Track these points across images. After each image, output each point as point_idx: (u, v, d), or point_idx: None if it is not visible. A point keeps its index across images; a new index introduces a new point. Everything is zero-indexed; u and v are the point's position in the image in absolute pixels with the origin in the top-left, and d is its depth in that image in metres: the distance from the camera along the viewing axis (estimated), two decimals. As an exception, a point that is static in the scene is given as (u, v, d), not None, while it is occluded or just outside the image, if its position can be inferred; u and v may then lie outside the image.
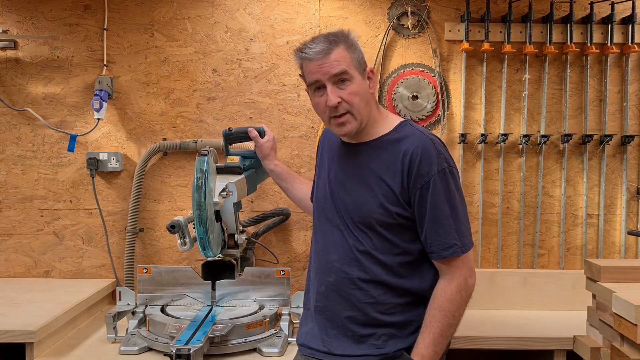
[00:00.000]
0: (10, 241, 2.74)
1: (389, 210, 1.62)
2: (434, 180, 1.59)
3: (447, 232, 1.60)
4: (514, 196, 2.74)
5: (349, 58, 1.62)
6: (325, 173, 1.79)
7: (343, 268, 1.67)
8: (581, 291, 2.17)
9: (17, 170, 2.73)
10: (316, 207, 1.81)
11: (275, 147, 2.19)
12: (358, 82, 1.63)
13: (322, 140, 1.91)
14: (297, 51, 1.65)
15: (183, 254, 2.71)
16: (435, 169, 1.59)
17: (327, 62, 1.59)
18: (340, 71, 1.60)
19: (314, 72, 1.61)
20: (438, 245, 1.61)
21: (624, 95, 2.70)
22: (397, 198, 1.62)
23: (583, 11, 2.69)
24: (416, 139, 1.64)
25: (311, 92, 1.67)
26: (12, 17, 2.69)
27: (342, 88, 1.61)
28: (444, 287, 1.62)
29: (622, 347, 1.82)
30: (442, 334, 1.60)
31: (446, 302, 1.60)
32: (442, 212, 1.60)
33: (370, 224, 1.64)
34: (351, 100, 1.61)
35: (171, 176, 2.73)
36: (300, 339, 1.79)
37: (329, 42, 1.60)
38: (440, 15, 2.70)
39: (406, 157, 1.61)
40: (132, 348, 2.01)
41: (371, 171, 1.66)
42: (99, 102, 2.59)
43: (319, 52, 1.60)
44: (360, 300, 1.65)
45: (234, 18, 2.70)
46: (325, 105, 1.62)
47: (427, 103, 2.69)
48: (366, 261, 1.65)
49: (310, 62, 1.61)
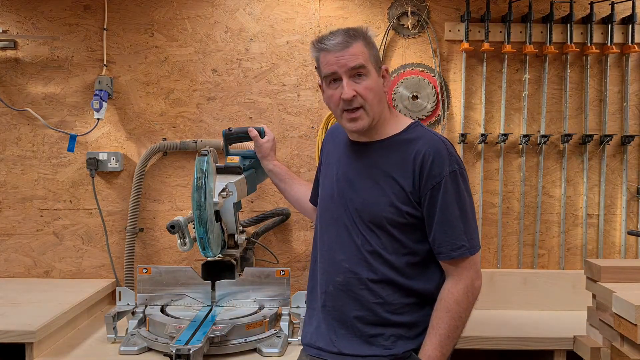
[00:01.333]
0: (10, 241, 2.74)
1: (400, 209, 1.62)
2: (445, 181, 1.60)
3: (456, 233, 1.61)
4: (514, 196, 2.74)
5: (367, 53, 1.62)
6: (332, 173, 1.78)
7: (351, 268, 1.67)
8: (581, 291, 2.17)
9: (17, 170, 2.73)
10: (321, 208, 1.80)
11: (275, 148, 2.19)
12: (374, 79, 1.63)
13: (326, 141, 1.91)
14: (315, 42, 1.65)
15: (183, 254, 2.71)
16: (447, 170, 1.61)
17: (345, 54, 1.60)
18: (357, 65, 1.60)
19: (332, 64, 1.61)
20: (447, 245, 1.61)
21: (624, 95, 2.70)
22: (408, 197, 1.62)
23: (583, 11, 2.69)
24: (428, 140, 1.65)
25: (325, 85, 1.67)
26: (12, 17, 2.69)
27: (358, 82, 1.61)
28: (450, 288, 1.63)
29: (622, 347, 1.82)
30: (449, 336, 1.60)
31: (453, 303, 1.61)
32: (452, 213, 1.61)
33: (380, 223, 1.64)
34: (366, 95, 1.61)
35: (171, 176, 2.73)
36: (305, 338, 1.79)
37: (349, 36, 1.62)
38: (440, 15, 2.70)
39: (418, 158, 1.62)
40: (132, 348, 2.01)
41: (382, 170, 1.66)
42: (99, 102, 2.59)
43: (338, 44, 1.60)
44: (369, 300, 1.65)
45: (234, 18, 2.70)
46: (339, 98, 1.62)
47: (427, 103, 2.69)
48: (374, 261, 1.65)
49: (328, 53, 1.62)
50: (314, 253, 1.83)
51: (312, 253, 1.84)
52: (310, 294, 1.82)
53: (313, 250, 1.84)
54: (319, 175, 1.92)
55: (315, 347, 1.73)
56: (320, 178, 1.88)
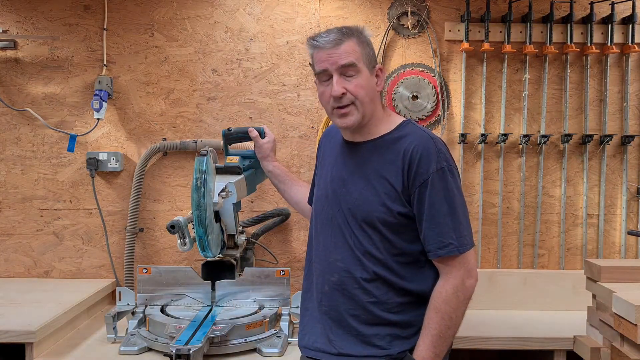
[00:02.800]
0: (10, 241, 2.74)
1: (391, 209, 1.62)
2: (432, 178, 1.59)
3: (444, 230, 1.59)
4: (514, 196, 2.74)
5: (359, 52, 1.63)
6: (326, 172, 1.78)
7: (346, 267, 1.67)
8: (581, 291, 2.16)
9: (17, 170, 2.73)
10: (316, 208, 1.80)
11: (275, 148, 2.19)
12: (365, 77, 1.64)
13: (322, 142, 1.91)
14: (309, 39, 1.67)
15: (183, 254, 2.71)
16: (435, 167, 1.59)
17: (336, 52, 1.61)
18: (348, 63, 1.61)
19: (323, 61, 1.63)
20: (434, 243, 1.60)
21: (624, 95, 2.70)
22: (398, 196, 1.62)
23: (583, 11, 2.69)
24: (417, 137, 1.64)
25: (318, 82, 1.68)
26: (12, 17, 2.69)
27: (349, 80, 1.62)
28: (439, 287, 1.62)
29: (622, 347, 1.82)
30: (441, 336, 1.59)
31: (442, 303, 1.59)
32: (440, 210, 1.59)
33: (372, 223, 1.63)
34: (356, 92, 1.62)
35: (171, 176, 2.73)
36: (302, 341, 1.78)
37: (342, 34, 1.63)
38: (440, 15, 2.70)
39: (407, 155, 1.61)
40: (132, 348, 2.01)
41: (373, 170, 1.66)
42: (99, 102, 2.59)
43: (330, 41, 1.62)
44: (363, 300, 1.65)
45: (234, 18, 2.70)
46: (330, 96, 1.63)
47: (427, 103, 2.69)
48: (367, 261, 1.65)
49: (320, 50, 1.63)
50: (309, 254, 1.82)
51: (307, 254, 1.84)
52: (306, 294, 1.82)
53: (308, 251, 1.84)
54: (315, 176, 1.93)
55: (312, 348, 1.73)
56: (315, 179, 1.89)
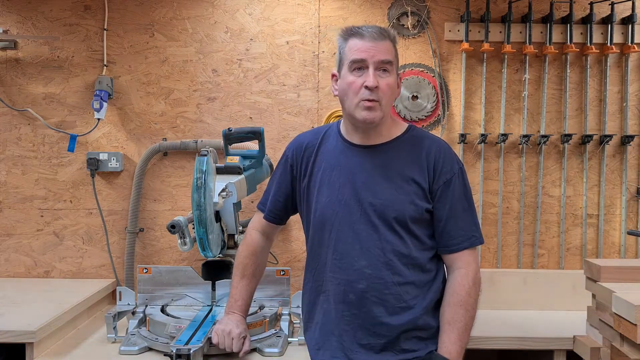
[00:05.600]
0: (11, 241, 2.74)
1: (419, 206, 1.66)
2: (455, 177, 1.68)
3: (467, 224, 1.69)
4: (514, 196, 2.74)
5: (394, 54, 1.67)
6: (332, 179, 1.72)
7: (375, 273, 1.65)
8: (581, 291, 2.16)
9: (17, 170, 2.73)
10: (325, 216, 1.72)
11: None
12: (394, 79, 1.67)
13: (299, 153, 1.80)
14: (345, 29, 1.67)
15: (183, 254, 2.71)
16: (456, 167, 1.70)
17: (378, 46, 1.62)
18: (387, 60, 1.63)
19: (363, 51, 1.61)
20: (459, 237, 1.67)
21: (624, 96, 2.70)
22: (425, 194, 1.67)
23: (583, 11, 2.69)
24: (433, 139, 1.75)
25: (347, 71, 1.64)
26: (12, 17, 2.69)
27: (382, 77, 1.63)
28: (461, 281, 1.66)
29: (622, 347, 1.82)
30: (466, 328, 1.64)
31: (466, 295, 1.64)
32: (463, 206, 1.69)
33: (403, 221, 1.65)
34: (385, 91, 1.63)
35: (171, 176, 2.73)
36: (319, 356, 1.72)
37: (383, 31, 1.65)
38: (440, 15, 2.70)
39: (430, 155, 1.69)
40: (132, 348, 2.00)
41: (397, 170, 1.68)
42: (99, 102, 2.59)
43: (374, 32, 1.63)
44: (394, 305, 1.65)
45: (234, 18, 2.70)
46: (361, 86, 1.61)
47: (427, 103, 2.69)
48: (398, 262, 1.65)
49: (361, 39, 1.62)
50: (311, 266, 1.77)
51: (309, 266, 1.78)
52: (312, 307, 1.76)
53: (310, 263, 1.78)
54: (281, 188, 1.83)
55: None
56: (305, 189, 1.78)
